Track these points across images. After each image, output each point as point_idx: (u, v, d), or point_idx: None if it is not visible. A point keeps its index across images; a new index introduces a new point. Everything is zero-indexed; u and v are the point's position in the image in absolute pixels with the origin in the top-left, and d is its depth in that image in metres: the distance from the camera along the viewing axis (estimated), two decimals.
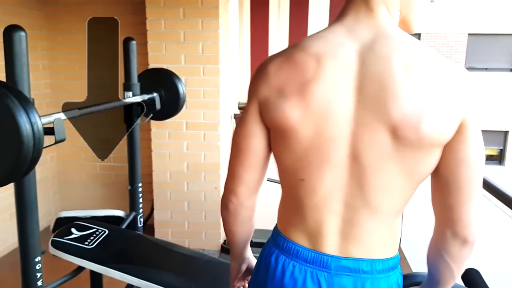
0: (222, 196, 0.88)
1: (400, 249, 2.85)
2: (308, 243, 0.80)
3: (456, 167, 0.73)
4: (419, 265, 2.56)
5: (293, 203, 0.82)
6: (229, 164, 0.86)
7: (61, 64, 3.17)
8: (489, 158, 11.71)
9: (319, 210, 0.78)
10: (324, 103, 0.72)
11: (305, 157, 0.76)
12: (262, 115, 0.79)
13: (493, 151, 11.67)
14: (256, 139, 0.81)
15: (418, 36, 11.28)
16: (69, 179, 3.34)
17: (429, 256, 0.86)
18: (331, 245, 0.79)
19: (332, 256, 0.79)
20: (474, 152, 0.73)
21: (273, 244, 0.85)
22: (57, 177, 3.34)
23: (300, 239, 0.81)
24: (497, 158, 11.69)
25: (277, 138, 0.79)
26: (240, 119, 0.83)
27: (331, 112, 0.72)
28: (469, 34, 11.15)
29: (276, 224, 0.88)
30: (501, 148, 11.55)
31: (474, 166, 0.73)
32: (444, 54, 8.90)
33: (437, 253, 0.82)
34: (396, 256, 0.84)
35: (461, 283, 1.17)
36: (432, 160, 0.74)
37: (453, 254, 0.80)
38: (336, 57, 0.72)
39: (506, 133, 11.37)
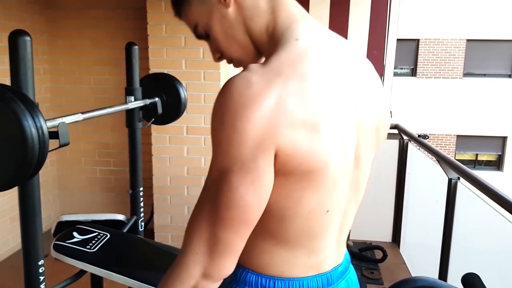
0: (189, 282, 0.62)
1: (399, 254, 2.85)
2: (314, 270, 0.74)
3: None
4: (418, 270, 2.57)
5: (299, 239, 0.71)
6: (205, 230, 0.61)
7: (62, 68, 3.19)
8: (488, 164, 11.74)
9: (328, 231, 0.73)
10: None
11: (334, 188, 0.67)
12: (279, 164, 0.60)
13: (492, 156, 11.71)
14: (267, 198, 0.62)
15: (416, 42, 11.35)
16: (69, 184, 3.34)
17: None
18: (331, 260, 0.77)
19: (332, 270, 0.77)
20: None
21: None
22: (57, 181, 3.34)
23: (307, 271, 0.73)
24: (496, 164, 11.72)
25: (299, 183, 0.63)
26: (236, 174, 0.58)
27: (346, 126, 0.66)
28: (467, 40, 11.21)
29: (264, 278, 0.73)
30: (500, 153, 11.59)
31: None
32: (443, 60, 8.92)
33: None
34: None
35: (462, 287, 1.18)
36: None
37: None
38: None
39: (504, 138, 11.40)
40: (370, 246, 2.74)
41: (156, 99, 2.03)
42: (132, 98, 1.90)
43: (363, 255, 2.65)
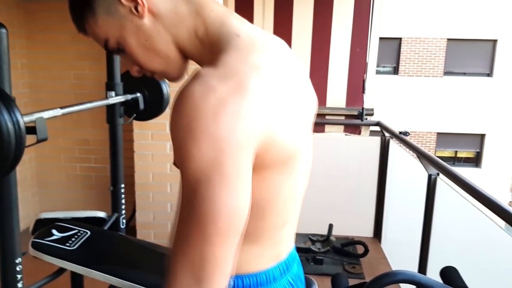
0: None
1: (380, 249, 2.89)
2: (276, 259, 0.75)
3: None
4: (398, 263, 2.62)
5: (271, 232, 0.71)
6: (193, 250, 0.54)
7: (41, 63, 3.12)
8: (467, 161, 12.01)
9: (293, 218, 0.75)
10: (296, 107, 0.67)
11: (300, 174, 0.70)
12: (257, 161, 0.58)
13: (471, 153, 11.98)
14: (249, 200, 0.58)
15: (399, 40, 11.50)
16: (48, 181, 3.28)
17: None
18: (289, 246, 0.79)
19: (288, 255, 0.79)
20: None
21: None
22: (36, 178, 3.27)
23: (270, 262, 0.74)
24: (474, 161, 11.99)
25: (279, 172, 0.64)
26: (220, 181, 0.54)
27: (301, 113, 0.69)
28: (448, 39, 11.42)
29: (242, 276, 0.71)
30: (478, 151, 11.86)
31: None
32: (424, 59, 9.09)
33: None
34: None
35: (440, 280, 1.20)
36: None
37: None
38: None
39: (483, 136, 11.68)
40: (352, 241, 2.78)
41: (138, 94, 2.01)
42: (113, 93, 1.87)
43: (345, 250, 2.68)
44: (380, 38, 3.56)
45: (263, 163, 0.60)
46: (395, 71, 11.76)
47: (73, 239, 1.56)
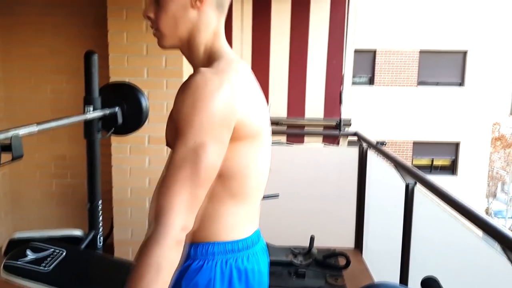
0: (172, 233, 0.75)
1: (362, 261, 2.91)
2: (255, 227, 0.98)
3: None
4: (380, 274, 2.63)
5: (254, 195, 0.94)
6: (185, 191, 0.76)
7: (17, 76, 3.05)
8: (443, 168, 12.30)
9: (264, 188, 0.98)
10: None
11: (266, 149, 0.95)
12: (236, 133, 0.83)
13: (447, 161, 12.27)
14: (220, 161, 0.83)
15: (373, 52, 11.78)
16: (23, 198, 3.17)
17: None
18: (258, 219, 1.01)
19: (257, 228, 1.01)
20: None
21: (228, 253, 0.90)
22: (9, 196, 3.16)
23: (252, 229, 0.97)
24: (450, 168, 12.29)
25: (252, 144, 0.89)
26: (212, 142, 0.79)
27: (262, 108, 0.94)
28: (420, 51, 11.76)
29: (217, 241, 0.90)
30: (453, 158, 12.17)
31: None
32: (398, 70, 9.34)
33: None
34: None
35: None
36: None
37: None
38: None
39: (457, 144, 12.00)
40: (334, 253, 2.78)
41: (116, 108, 1.98)
42: (91, 107, 1.84)
43: (328, 263, 2.68)
44: (355, 50, 3.64)
45: (240, 135, 0.84)
46: (371, 81, 12.02)
47: (48, 259, 1.51)
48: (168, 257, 0.74)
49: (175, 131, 0.79)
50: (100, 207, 2.02)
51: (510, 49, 12.49)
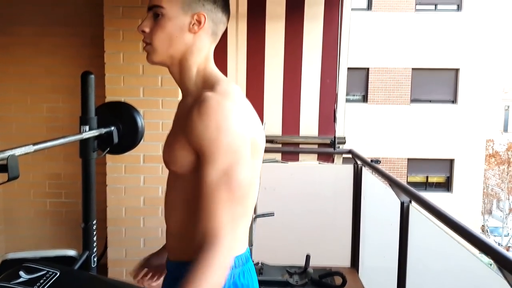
0: (226, 254, 0.82)
1: (358, 279, 2.89)
2: (246, 245, 1.01)
3: None
4: None
5: (244, 215, 0.97)
6: (227, 211, 0.82)
7: (13, 96, 3.06)
8: (438, 185, 12.32)
9: (254, 203, 1.02)
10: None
11: (260, 162, 1.00)
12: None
13: (441, 178, 12.31)
14: None
15: (366, 70, 11.93)
16: (16, 217, 3.14)
17: None
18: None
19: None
20: None
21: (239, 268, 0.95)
22: (2, 215, 3.13)
23: (245, 245, 1.00)
24: (445, 185, 12.31)
25: (255, 157, 0.94)
26: (241, 161, 0.85)
27: (260, 126, 1.00)
28: (412, 68, 11.93)
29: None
30: (448, 175, 12.20)
31: None
32: (391, 87, 9.42)
33: None
34: None
35: None
36: None
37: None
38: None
39: (452, 161, 12.05)
40: (330, 272, 2.76)
41: (112, 128, 1.99)
42: (87, 127, 1.85)
43: (324, 282, 2.66)
44: (349, 68, 3.69)
45: (251, 152, 0.90)
46: (364, 99, 12.12)
47: (41, 281, 1.48)
48: (225, 275, 0.83)
49: (202, 156, 0.84)
50: (94, 227, 2.00)
51: (501, 66, 12.69)
